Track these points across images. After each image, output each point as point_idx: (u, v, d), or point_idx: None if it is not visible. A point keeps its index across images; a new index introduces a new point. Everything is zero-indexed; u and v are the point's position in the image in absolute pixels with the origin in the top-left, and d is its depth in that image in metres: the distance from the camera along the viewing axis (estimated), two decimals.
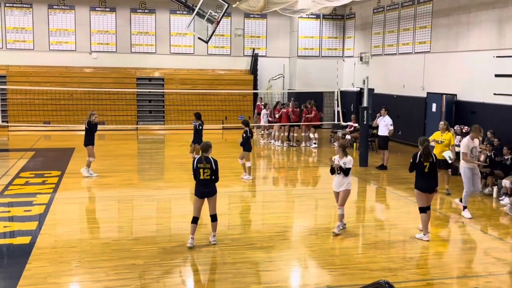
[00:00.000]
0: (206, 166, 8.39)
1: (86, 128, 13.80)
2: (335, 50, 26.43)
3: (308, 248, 8.75)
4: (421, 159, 9.13)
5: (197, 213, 8.55)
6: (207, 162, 8.40)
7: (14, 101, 22.57)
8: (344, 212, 9.44)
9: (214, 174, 8.43)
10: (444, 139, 12.40)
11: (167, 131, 23.59)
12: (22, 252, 8.18)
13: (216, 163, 8.47)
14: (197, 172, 8.40)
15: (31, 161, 16.13)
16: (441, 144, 12.39)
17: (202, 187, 8.46)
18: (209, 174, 8.39)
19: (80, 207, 11.19)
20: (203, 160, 8.40)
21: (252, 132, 14.02)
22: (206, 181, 8.42)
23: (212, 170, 8.40)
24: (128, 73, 24.64)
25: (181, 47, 25.55)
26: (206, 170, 8.38)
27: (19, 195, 11.74)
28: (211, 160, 8.44)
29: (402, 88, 20.86)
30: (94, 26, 24.52)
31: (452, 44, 18.09)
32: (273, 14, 24.36)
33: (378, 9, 22.96)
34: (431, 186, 9.14)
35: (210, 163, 8.41)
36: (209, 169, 8.39)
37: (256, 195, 13.06)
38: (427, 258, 8.34)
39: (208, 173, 8.39)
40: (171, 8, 24.68)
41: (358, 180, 14.43)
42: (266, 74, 26.37)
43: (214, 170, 8.42)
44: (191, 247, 8.45)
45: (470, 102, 16.96)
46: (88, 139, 13.78)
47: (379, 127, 15.91)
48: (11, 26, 23.65)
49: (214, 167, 8.41)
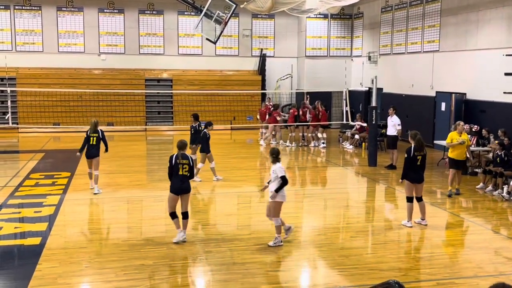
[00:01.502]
0: (184, 162, 8.73)
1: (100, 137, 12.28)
2: (343, 50, 26.37)
3: (317, 248, 8.73)
4: (415, 153, 9.62)
5: (173, 209, 8.81)
6: (184, 159, 8.75)
7: (24, 103, 22.72)
8: (281, 224, 8.66)
9: (191, 170, 8.80)
10: (464, 139, 12.32)
11: (176, 132, 23.63)
12: (33, 253, 8.23)
13: (192, 159, 8.92)
14: (176, 169, 8.69)
15: (41, 162, 16.23)
16: (463, 144, 12.31)
17: (179, 183, 8.71)
18: (187, 170, 8.75)
19: (90, 208, 11.24)
20: (180, 157, 8.75)
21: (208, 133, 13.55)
22: (184, 177, 8.74)
23: (189, 166, 8.78)
24: (136, 74, 24.73)
25: (189, 48, 25.60)
26: (185, 166, 8.73)
27: (29, 196, 11.81)
28: (187, 156, 8.83)
29: (411, 88, 20.77)
30: (102, 27, 24.62)
31: (461, 43, 17.99)
32: (281, 14, 24.35)
33: (386, 8, 22.87)
34: (420, 177, 9.74)
35: (187, 159, 8.77)
36: (187, 165, 8.74)
37: (265, 195, 13.05)
38: (437, 258, 8.29)
39: (187, 169, 8.74)
40: (179, 9, 24.73)
41: (367, 179, 14.39)
42: (274, 74, 26.36)
43: (191, 166, 8.82)
44: (184, 241, 8.68)
45: (480, 101, 16.86)
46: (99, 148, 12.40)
47: (388, 127, 15.87)
48: (20, 28, 23.81)
49: (191, 163, 8.81)
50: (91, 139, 12.06)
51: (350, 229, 9.93)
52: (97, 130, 12.15)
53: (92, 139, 12.06)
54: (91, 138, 12.06)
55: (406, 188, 9.82)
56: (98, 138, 12.13)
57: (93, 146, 12.09)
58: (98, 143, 12.16)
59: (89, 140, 12.08)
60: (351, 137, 19.94)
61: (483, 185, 12.93)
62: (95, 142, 12.08)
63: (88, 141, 12.09)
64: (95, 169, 12.13)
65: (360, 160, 17.53)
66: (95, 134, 12.08)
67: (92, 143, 12.07)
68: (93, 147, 12.09)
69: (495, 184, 12.60)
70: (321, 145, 19.58)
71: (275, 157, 8.68)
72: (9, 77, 22.76)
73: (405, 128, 16.68)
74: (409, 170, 9.69)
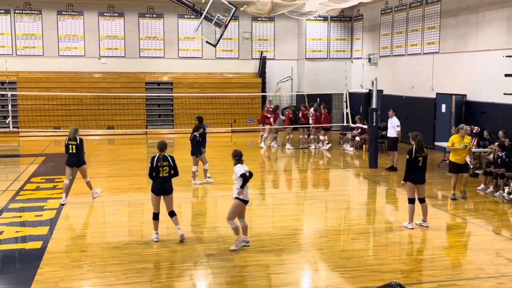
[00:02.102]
0: (165, 164, 8.92)
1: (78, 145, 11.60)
2: (343, 52, 26.39)
3: (319, 250, 8.72)
4: (417, 154, 9.65)
5: (156, 209, 8.98)
6: (165, 160, 8.95)
7: (25, 107, 22.74)
8: (239, 226, 8.60)
9: (172, 169, 8.99)
10: (467, 143, 12.08)
11: (177, 135, 23.64)
12: (34, 257, 8.23)
13: (173, 159, 9.06)
14: (157, 170, 8.88)
15: (41, 166, 16.24)
16: (466, 148, 12.05)
17: (160, 184, 8.91)
18: (168, 171, 8.94)
19: (91, 212, 11.24)
20: (161, 159, 8.94)
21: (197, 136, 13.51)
22: (164, 178, 8.92)
23: (170, 166, 8.96)
24: (137, 77, 24.74)
25: (190, 51, 25.63)
26: (165, 168, 8.92)
27: (30, 200, 11.82)
28: (168, 158, 9.00)
29: (411, 89, 20.78)
30: (102, 31, 24.66)
31: (461, 44, 18.00)
32: (281, 17, 24.37)
33: (386, 10, 22.90)
34: (422, 178, 9.76)
35: (167, 160, 8.96)
36: (167, 167, 8.94)
37: (265, 197, 13.06)
38: (439, 260, 8.28)
39: (167, 170, 8.94)
40: (179, 12, 24.76)
41: (368, 181, 14.39)
42: (274, 77, 26.38)
43: (173, 166, 8.99)
44: (157, 241, 8.88)
45: (480, 102, 16.86)
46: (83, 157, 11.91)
47: (388, 129, 15.87)
48: (20, 32, 23.84)
49: (172, 164, 8.98)
50: (69, 147, 11.44)
51: (351, 231, 9.93)
52: (76, 138, 11.49)
53: (71, 147, 11.43)
54: (69, 146, 11.45)
55: (407, 189, 9.81)
56: (77, 146, 11.47)
57: (73, 155, 11.45)
58: (78, 151, 11.49)
59: (67, 148, 11.48)
60: (351, 139, 19.94)
61: (484, 186, 12.93)
62: (74, 150, 11.43)
63: (67, 149, 11.49)
64: (84, 176, 11.74)
65: (360, 162, 17.52)
66: (74, 142, 11.46)
67: (72, 151, 11.44)
68: (73, 155, 11.45)
69: (496, 185, 12.59)
70: (326, 146, 19.61)
71: (238, 159, 8.75)
72: (9, 81, 22.79)
73: (405, 130, 16.68)
74: (411, 171, 9.70)
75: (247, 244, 8.69)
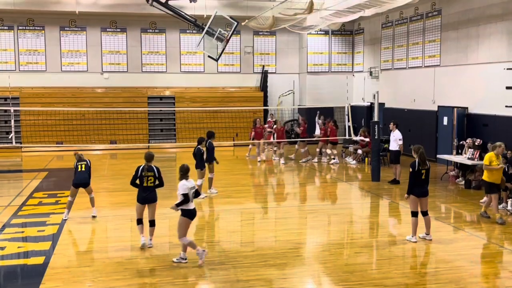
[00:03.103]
0: (149, 174, 9.31)
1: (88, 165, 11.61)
2: (344, 66, 26.48)
3: (322, 264, 8.69)
4: (419, 167, 9.65)
5: (140, 216, 9.51)
6: (150, 171, 9.34)
7: (27, 122, 22.82)
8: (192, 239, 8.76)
9: (157, 179, 9.36)
10: (500, 162, 11.35)
11: (179, 149, 23.66)
12: (36, 272, 8.21)
13: (159, 170, 9.42)
14: (141, 180, 9.30)
15: (44, 181, 16.25)
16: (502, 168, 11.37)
17: (144, 193, 9.34)
18: (153, 181, 9.33)
19: (93, 226, 11.22)
20: (146, 169, 9.33)
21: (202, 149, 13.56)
22: (148, 188, 9.33)
23: (155, 177, 9.35)
24: (139, 92, 24.84)
25: (192, 66, 25.75)
26: (149, 178, 9.32)
27: (33, 215, 11.81)
28: (153, 168, 9.38)
29: (413, 102, 20.81)
30: (105, 46, 24.82)
31: (462, 57, 18.06)
32: (282, 31, 24.51)
33: (387, 24, 23.01)
34: (425, 191, 9.76)
35: (152, 171, 9.35)
36: (152, 177, 9.33)
37: (268, 211, 13.03)
38: (443, 273, 8.23)
39: (152, 180, 9.33)
40: (181, 27, 24.92)
41: (371, 195, 14.36)
42: (276, 90, 26.47)
43: (158, 177, 9.37)
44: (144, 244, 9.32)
45: (482, 115, 16.87)
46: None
47: (390, 142, 15.88)
48: (24, 48, 24.00)
49: (157, 174, 9.37)
50: (79, 167, 11.37)
51: (354, 244, 9.89)
52: (85, 160, 11.55)
53: (80, 166, 11.36)
54: (79, 166, 11.38)
55: (411, 202, 9.80)
56: (87, 165, 11.45)
57: (82, 173, 11.34)
58: (87, 169, 11.43)
59: (76, 168, 11.40)
60: (354, 152, 19.93)
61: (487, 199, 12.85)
62: (84, 168, 11.36)
63: (76, 169, 11.39)
64: (89, 192, 11.61)
65: (363, 175, 17.50)
66: (83, 162, 11.44)
67: (81, 170, 11.35)
68: (82, 173, 11.34)
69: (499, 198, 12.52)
70: (332, 161, 19.53)
71: (182, 174, 8.63)
72: (12, 97, 22.89)
73: (407, 143, 16.69)
74: (414, 184, 9.69)
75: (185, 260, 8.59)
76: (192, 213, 8.58)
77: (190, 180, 8.66)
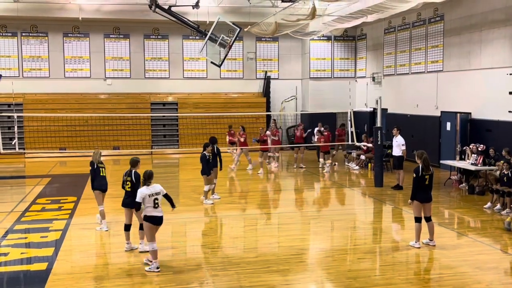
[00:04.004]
0: (128, 179, 9.45)
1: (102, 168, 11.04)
2: (347, 71, 26.50)
3: (325, 270, 8.66)
4: (423, 172, 9.63)
5: (128, 221, 9.57)
6: (128, 176, 9.45)
7: (31, 128, 22.87)
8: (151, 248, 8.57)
9: (134, 186, 9.26)
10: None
11: (182, 155, 23.67)
12: (39, 279, 8.20)
13: (137, 176, 9.35)
14: (123, 184, 9.53)
15: (47, 187, 16.27)
16: None
17: (125, 198, 9.52)
18: (130, 186, 9.38)
19: (96, 233, 11.20)
20: (127, 174, 9.49)
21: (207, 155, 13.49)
22: (128, 192, 9.41)
23: (132, 182, 9.36)
24: (142, 98, 24.89)
25: (194, 72, 25.80)
26: (127, 183, 9.44)
27: (36, 221, 11.82)
28: (132, 173, 9.42)
29: (416, 108, 20.79)
30: (108, 53, 24.90)
31: (464, 63, 18.05)
32: (285, 37, 24.56)
33: (389, 29, 23.03)
34: (429, 197, 9.76)
35: (130, 176, 9.42)
36: (130, 182, 9.40)
37: (271, 217, 13.01)
38: (447, 279, 8.19)
39: (129, 185, 9.39)
40: (184, 33, 24.98)
41: (374, 200, 14.33)
42: (278, 96, 26.50)
43: (134, 183, 9.31)
44: (127, 250, 9.42)
45: (485, 120, 16.84)
46: None
47: (393, 147, 15.84)
48: (27, 55, 24.10)
49: (134, 181, 9.35)
50: (101, 171, 10.90)
51: (357, 250, 9.86)
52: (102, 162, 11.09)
53: (102, 171, 10.92)
54: (100, 170, 10.90)
55: (414, 208, 9.78)
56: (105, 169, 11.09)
57: (103, 178, 10.97)
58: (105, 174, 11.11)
59: (98, 171, 10.89)
60: (357, 158, 19.90)
61: (491, 204, 12.84)
62: (105, 173, 11.00)
63: (98, 173, 10.88)
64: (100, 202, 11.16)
65: (366, 181, 17.47)
66: (103, 165, 11.04)
67: (103, 174, 10.95)
68: (103, 178, 10.97)
69: (503, 203, 12.50)
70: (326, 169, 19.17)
71: (144, 180, 8.65)
72: (16, 103, 22.94)
73: (410, 148, 16.66)
74: (417, 190, 9.67)
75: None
76: (155, 219, 8.56)
77: (154, 185, 8.68)
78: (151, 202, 8.49)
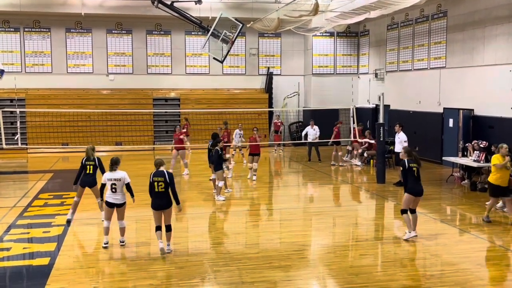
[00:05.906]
0: (159, 179, 9.04)
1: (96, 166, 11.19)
2: (349, 67, 26.46)
3: (327, 266, 8.67)
4: (410, 165, 9.82)
5: (158, 223, 9.24)
6: (161, 176, 9.04)
7: (33, 123, 22.89)
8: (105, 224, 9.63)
9: (168, 186, 9.04)
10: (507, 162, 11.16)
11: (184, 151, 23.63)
12: (41, 273, 8.23)
13: (171, 176, 9.11)
14: (152, 186, 9.07)
15: (49, 182, 16.30)
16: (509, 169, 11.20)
17: (157, 199, 9.09)
18: (164, 187, 9.02)
19: (98, 228, 11.22)
20: (155, 175, 9.10)
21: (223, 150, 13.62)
22: (160, 193, 9.05)
23: (165, 183, 9.02)
24: (144, 94, 24.90)
25: (197, 68, 25.79)
26: (160, 184, 9.04)
27: (38, 216, 11.85)
28: (163, 173, 9.06)
29: (418, 104, 20.76)
30: (110, 48, 24.89)
31: (467, 59, 18.01)
32: (287, 33, 24.52)
33: (392, 25, 22.97)
34: (421, 190, 9.94)
35: (163, 176, 9.04)
36: (162, 182, 9.03)
37: (273, 213, 13.02)
38: (448, 275, 8.20)
39: (162, 186, 9.02)
40: (186, 29, 24.96)
41: (376, 197, 14.32)
42: (281, 92, 26.48)
43: (168, 183, 9.03)
44: (162, 248, 9.08)
45: (488, 117, 16.80)
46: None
47: (395, 144, 15.84)
48: (30, 50, 24.11)
49: (168, 180, 9.04)
50: (87, 168, 11.08)
51: (359, 246, 9.86)
52: (94, 158, 11.15)
53: (88, 168, 11.07)
54: (87, 167, 11.08)
55: (405, 200, 9.93)
56: (94, 167, 11.12)
57: (88, 175, 11.10)
58: (94, 171, 11.12)
59: (85, 168, 11.10)
60: (360, 154, 19.89)
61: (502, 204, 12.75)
62: (91, 170, 11.07)
63: (85, 170, 11.10)
64: (97, 196, 11.09)
65: (368, 177, 17.46)
66: (92, 162, 11.11)
67: (89, 172, 11.08)
68: (88, 175, 11.11)
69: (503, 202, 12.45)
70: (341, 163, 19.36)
71: (110, 165, 9.40)
72: (18, 98, 22.97)
73: (413, 144, 16.62)
74: (411, 183, 9.82)
75: (122, 243, 9.55)
76: (107, 203, 9.41)
77: (118, 172, 9.31)
78: (109, 186, 9.22)
